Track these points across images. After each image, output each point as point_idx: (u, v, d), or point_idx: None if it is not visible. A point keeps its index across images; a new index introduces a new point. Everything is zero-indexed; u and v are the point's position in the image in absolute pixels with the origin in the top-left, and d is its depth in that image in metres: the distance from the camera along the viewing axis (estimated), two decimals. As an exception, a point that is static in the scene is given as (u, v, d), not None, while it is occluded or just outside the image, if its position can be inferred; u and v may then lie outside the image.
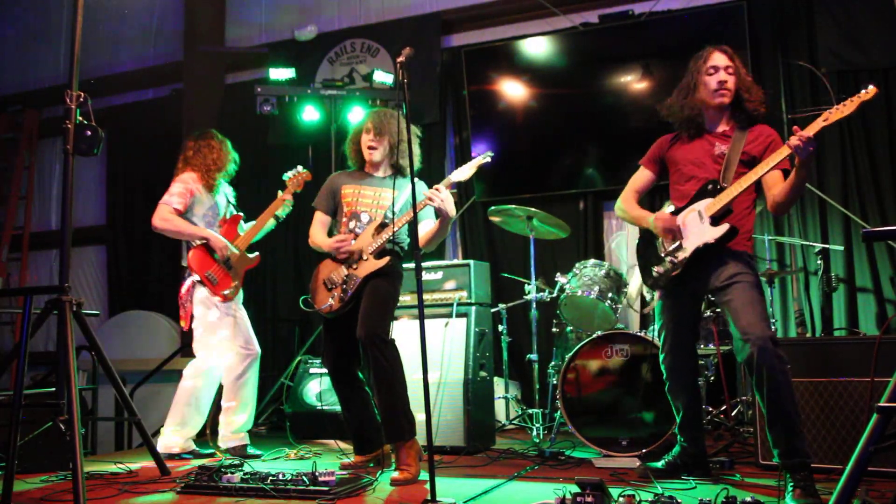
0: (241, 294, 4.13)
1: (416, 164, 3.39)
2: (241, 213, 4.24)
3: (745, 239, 2.96)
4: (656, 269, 3.08)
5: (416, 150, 3.41)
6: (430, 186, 3.39)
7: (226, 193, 4.23)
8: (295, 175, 4.22)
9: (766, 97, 3.02)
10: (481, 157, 3.46)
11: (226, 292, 3.98)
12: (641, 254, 3.22)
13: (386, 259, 3.42)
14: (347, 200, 3.60)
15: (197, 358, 4.04)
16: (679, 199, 3.07)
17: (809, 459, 2.69)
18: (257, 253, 4.22)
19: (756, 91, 3.00)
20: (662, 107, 3.16)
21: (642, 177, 3.26)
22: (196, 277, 3.98)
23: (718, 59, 3.00)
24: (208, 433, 4.36)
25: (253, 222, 4.19)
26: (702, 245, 2.91)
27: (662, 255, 3.06)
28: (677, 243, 3.00)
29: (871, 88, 2.61)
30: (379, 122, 3.56)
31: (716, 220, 2.90)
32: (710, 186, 2.95)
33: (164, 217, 3.96)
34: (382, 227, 3.49)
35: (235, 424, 4.06)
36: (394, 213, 3.44)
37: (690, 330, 3.16)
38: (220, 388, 4.13)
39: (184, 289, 4.03)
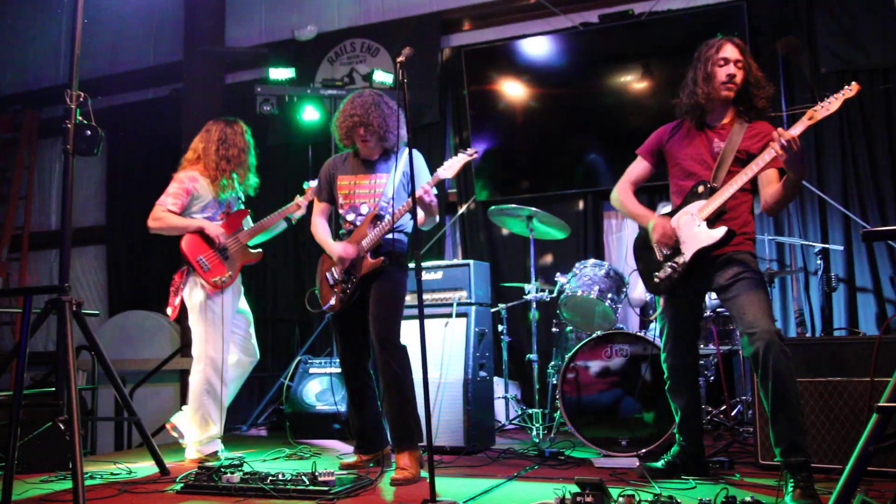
0: (240, 296, 4.06)
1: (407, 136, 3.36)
2: (249, 210, 4.19)
3: (747, 238, 2.95)
4: (657, 276, 3.07)
5: (404, 134, 3.36)
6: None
7: (238, 188, 4.09)
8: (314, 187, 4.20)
9: (773, 95, 2.99)
10: (466, 154, 3.43)
11: (215, 279, 3.84)
12: (640, 257, 3.18)
13: (380, 259, 3.40)
14: (344, 193, 3.58)
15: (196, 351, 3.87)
16: (678, 194, 3.06)
17: (811, 458, 2.69)
18: (260, 249, 4.16)
19: (768, 88, 2.96)
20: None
21: (639, 168, 3.22)
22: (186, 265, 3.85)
23: (730, 51, 2.96)
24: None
25: (261, 220, 4.14)
26: (701, 249, 2.91)
27: (661, 259, 3.05)
28: (675, 248, 3.00)
29: (854, 85, 2.61)
30: (366, 116, 3.45)
31: (711, 222, 2.90)
32: (700, 188, 2.94)
33: (156, 216, 3.87)
34: (377, 218, 3.47)
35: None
36: (393, 199, 3.41)
37: (692, 327, 3.16)
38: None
39: (177, 275, 3.91)
